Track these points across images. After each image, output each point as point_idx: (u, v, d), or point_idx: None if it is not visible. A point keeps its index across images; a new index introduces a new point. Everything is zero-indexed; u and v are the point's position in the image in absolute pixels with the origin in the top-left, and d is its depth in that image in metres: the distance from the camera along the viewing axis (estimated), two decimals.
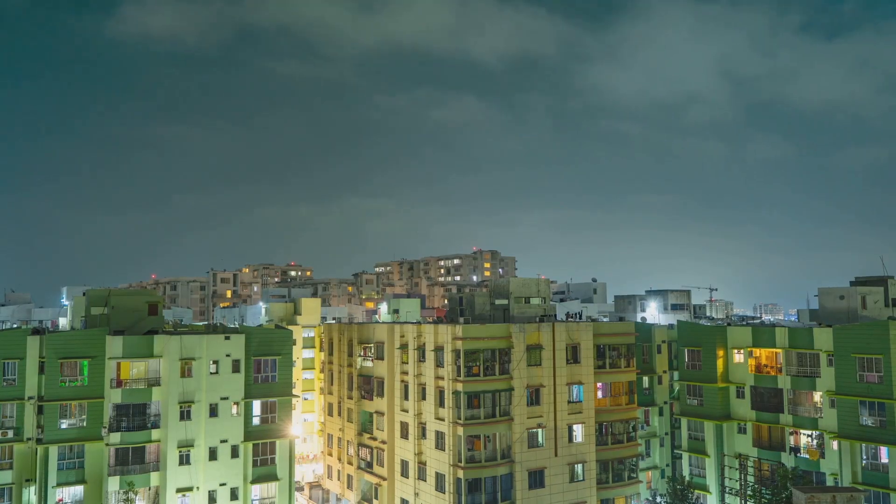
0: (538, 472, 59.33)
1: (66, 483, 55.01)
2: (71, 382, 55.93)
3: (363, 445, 69.35)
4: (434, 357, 60.14)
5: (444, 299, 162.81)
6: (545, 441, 59.98)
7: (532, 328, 60.78)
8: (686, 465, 68.24)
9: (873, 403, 54.90)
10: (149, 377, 57.82)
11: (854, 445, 55.85)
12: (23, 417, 55.50)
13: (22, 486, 55.03)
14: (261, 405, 60.57)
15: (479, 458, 57.21)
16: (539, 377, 60.31)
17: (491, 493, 56.94)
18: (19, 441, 55.14)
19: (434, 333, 60.40)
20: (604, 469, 62.82)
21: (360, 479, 69.51)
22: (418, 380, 62.04)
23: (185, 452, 57.20)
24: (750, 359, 64.58)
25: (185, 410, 57.34)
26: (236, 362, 59.66)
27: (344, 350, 74.74)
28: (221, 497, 58.18)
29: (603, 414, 63.56)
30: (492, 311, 70.31)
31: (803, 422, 60.38)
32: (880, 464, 54.54)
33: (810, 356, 60.37)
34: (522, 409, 59.12)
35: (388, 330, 66.83)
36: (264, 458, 60.12)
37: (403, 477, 63.10)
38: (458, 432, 57.00)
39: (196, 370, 58.02)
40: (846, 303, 66.32)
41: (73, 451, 55.64)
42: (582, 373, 62.53)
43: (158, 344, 58.29)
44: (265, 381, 60.74)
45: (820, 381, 59.35)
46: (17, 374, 55.67)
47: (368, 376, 69.39)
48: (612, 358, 65.12)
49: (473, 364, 58.12)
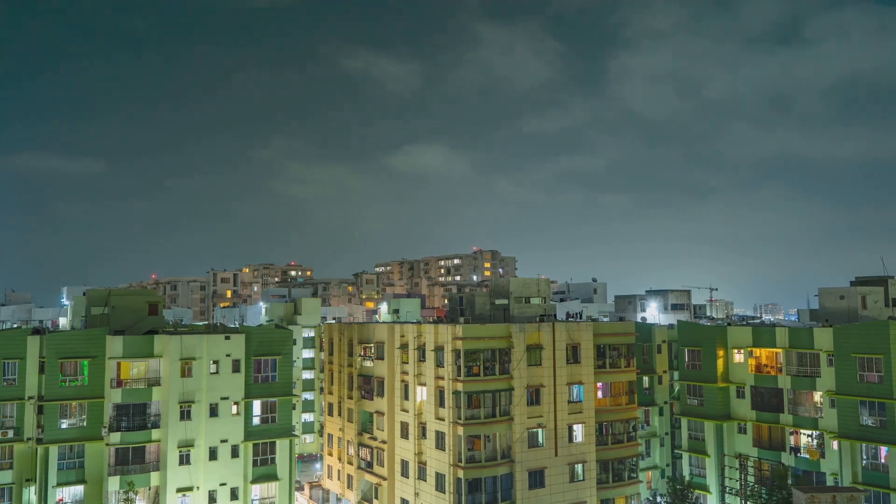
0: (538, 472, 59.30)
1: (66, 483, 55.00)
2: (71, 382, 55.93)
3: (363, 445, 69.34)
4: (434, 357, 60.13)
5: (445, 299, 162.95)
6: (545, 441, 59.97)
7: (532, 328, 60.76)
8: (686, 465, 68.25)
9: (873, 403, 54.93)
10: (149, 377, 57.83)
11: (854, 445, 55.87)
12: (23, 417, 55.51)
13: (22, 485, 55.04)
14: (261, 405, 60.59)
15: (480, 458, 57.19)
16: (539, 377, 60.30)
17: (491, 493, 56.93)
18: (19, 441, 55.15)
19: (434, 333, 60.39)
20: (604, 469, 62.80)
21: (360, 479, 69.49)
22: (418, 380, 62.02)
23: (186, 452, 57.21)
24: (750, 359, 64.60)
25: (186, 410, 57.34)
26: (236, 362, 59.68)
27: (344, 350, 74.71)
28: (221, 497, 58.19)
29: (603, 414, 63.54)
30: (492, 311, 70.30)
31: (803, 422, 60.40)
32: (880, 464, 54.57)
33: (810, 356, 60.39)
34: (522, 409, 59.10)
35: (389, 330, 66.81)
36: (264, 458, 60.13)
37: (403, 477, 63.09)
38: (459, 432, 56.99)
39: (196, 370, 58.02)
40: (846, 303, 66.40)
41: (74, 450, 55.63)
42: (582, 373, 62.52)
43: (158, 344, 58.31)
44: (265, 381, 60.76)
45: (820, 381, 59.38)
46: (18, 373, 55.68)
47: (368, 376, 69.37)
48: (612, 358, 65.08)
49: (473, 364, 58.11)
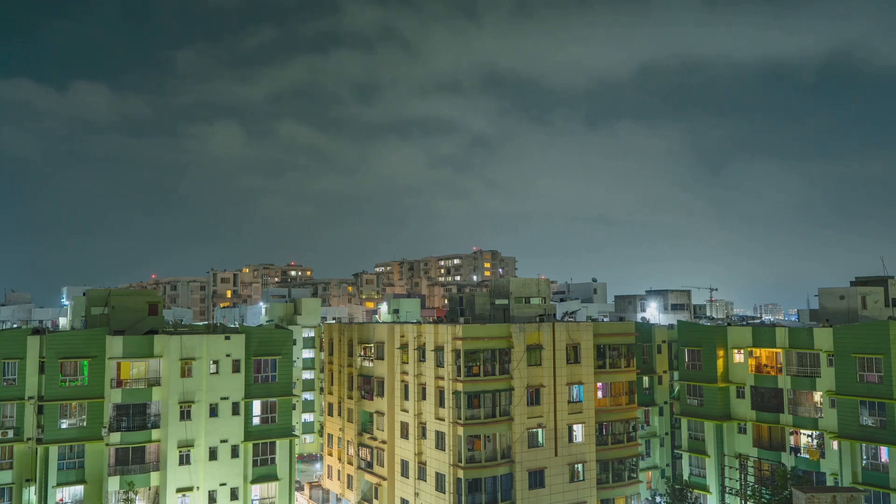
0: (538, 472, 59.31)
1: (66, 483, 55.04)
2: (71, 382, 55.94)
3: (363, 445, 69.34)
4: (434, 357, 60.12)
5: (445, 299, 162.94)
6: (545, 441, 59.97)
7: (532, 328, 60.76)
8: (686, 465, 68.23)
9: (873, 403, 54.91)
10: (149, 377, 57.83)
11: (854, 445, 55.86)
12: (23, 417, 55.52)
13: (22, 486, 55.05)
14: (261, 405, 60.60)
15: (480, 458, 57.19)
16: (539, 377, 60.30)
17: (491, 493, 56.92)
18: (19, 441, 55.16)
19: (434, 333, 60.39)
20: (604, 469, 62.81)
21: (360, 479, 69.50)
22: (418, 380, 62.02)
23: (186, 452, 57.22)
24: (750, 359, 64.58)
25: (186, 410, 57.35)
26: (236, 362, 59.70)
27: (344, 350, 74.70)
28: (221, 497, 58.20)
29: (603, 414, 63.54)
30: (492, 311, 70.30)
31: (803, 422, 60.38)
32: (880, 464, 54.55)
33: (810, 356, 60.37)
34: (522, 409, 59.09)
35: (389, 330, 66.80)
36: (264, 458, 60.15)
37: (403, 477, 63.08)
38: (459, 432, 56.98)
39: (196, 370, 58.04)
40: (846, 303, 66.36)
41: (74, 451, 55.67)
42: (582, 373, 62.52)
43: (158, 344, 58.31)
44: (265, 381, 60.77)
45: (820, 381, 59.36)
46: (18, 374, 55.68)
47: (368, 376, 69.37)
48: (612, 358, 65.08)
49: (473, 364, 58.10)
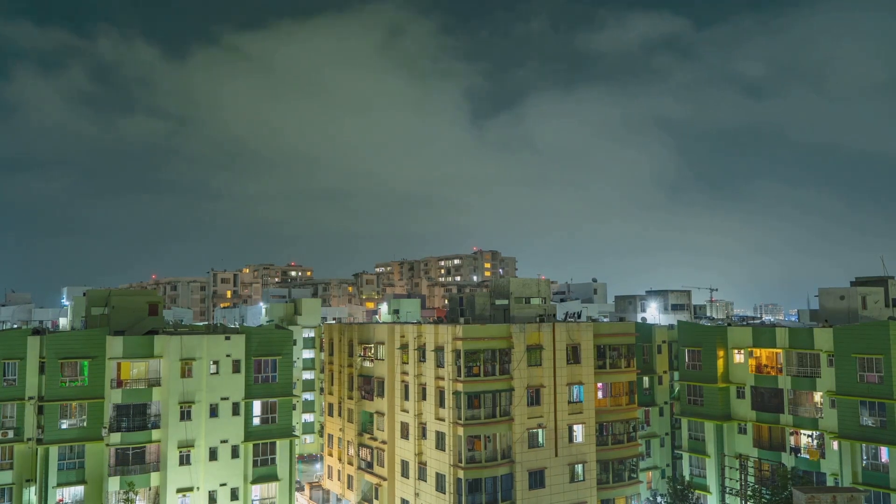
0: (538, 472, 59.30)
1: (66, 483, 54.98)
2: (71, 382, 55.90)
3: (363, 446, 69.33)
4: (434, 357, 60.12)
5: (445, 299, 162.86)
6: (545, 441, 59.96)
7: (532, 328, 60.76)
8: (686, 466, 68.24)
9: (874, 403, 54.91)
10: (149, 377, 57.80)
11: (854, 445, 55.86)
12: (23, 417, 55.47)
13: (22, 486, 55.00)
14: (261, 405, 60.57)
15: (480, 458, 57.18)
16: (539, 377, 60.29)
17: (491, 493, 56.91)
18: (19, 441, 55.12)
19: (434, 333, 60.38)
20: (604, 469, 62.80)
21: (360, 480, 69.49)
22: (418, 380, 62.01)
23: (186, 453, 57.19)
24: (750, 359, 64.57)
25: (186, 411, 57.33)
26: (236, 362, 59.65)
27: (344, 350, 74.70)
28: (222, 497, 58.17)
29: (603, 414, 63.53)
30: (492, 312, 70.28)
31: (804, 422, 60.38)
32: (881, 464, 54.55)
33: (810, 356, 60.37)
34: (523, 410, 59.09)
35: (389, 330, 66.80)
36: (264, 459, 60.10)
37: (404, 477, 63.08)
38: (459, 432, 56.98)
39: (196, 370, 58.00)
40: (846, 303, 66.36)
41: (74, 451, 55.61)
42: (582, 373, 62.51)
43: (159, 344, 58.30)
44: (265, 382, 60.72)
45: (820, 382, 59.35)
46: (18, 374, 55.64)
47: (369, 376, 69.37)
48: (612, 358, 65.07)
49: (474, 364, 58.09)
